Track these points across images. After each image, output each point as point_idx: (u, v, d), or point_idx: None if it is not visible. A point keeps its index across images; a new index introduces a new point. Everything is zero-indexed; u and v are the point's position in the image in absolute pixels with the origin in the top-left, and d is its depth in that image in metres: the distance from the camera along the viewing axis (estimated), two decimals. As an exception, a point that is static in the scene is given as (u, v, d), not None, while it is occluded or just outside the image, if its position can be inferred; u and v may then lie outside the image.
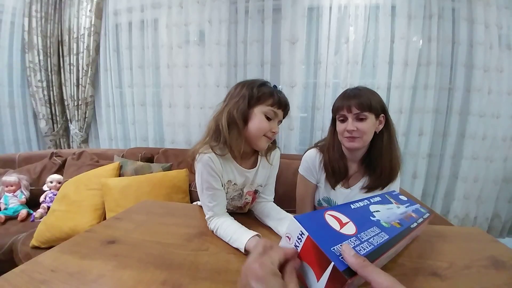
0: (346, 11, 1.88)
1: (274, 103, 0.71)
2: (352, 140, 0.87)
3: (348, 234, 0.38)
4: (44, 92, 2.38)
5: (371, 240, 0.38)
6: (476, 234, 0.72)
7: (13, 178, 1.66)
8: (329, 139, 0.99)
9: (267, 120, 0.71)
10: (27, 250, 1.32)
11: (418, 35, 1.84)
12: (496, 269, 0.54)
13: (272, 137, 0.74)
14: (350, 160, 0.97)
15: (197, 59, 2.11)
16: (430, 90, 1.86)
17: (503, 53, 1.79)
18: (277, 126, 0.75)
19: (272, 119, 0.72)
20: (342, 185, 0.97)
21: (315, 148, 1.03)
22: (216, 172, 0.71)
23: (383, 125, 0.90)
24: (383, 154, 0.89)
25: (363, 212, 0.48)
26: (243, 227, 0.68)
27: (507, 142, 1.85)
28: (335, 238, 0.36)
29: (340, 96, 0.93)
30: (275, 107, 0.71)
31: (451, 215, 1.97)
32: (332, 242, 0.34)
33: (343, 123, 0.90)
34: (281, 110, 0.74)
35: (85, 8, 2.26)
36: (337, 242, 0.34)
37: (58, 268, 0.53)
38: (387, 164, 0.88)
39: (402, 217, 0.51)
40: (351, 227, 0.40)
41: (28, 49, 2.29)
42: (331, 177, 0.96)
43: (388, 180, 0.90)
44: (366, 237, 0.38)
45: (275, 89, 0.73)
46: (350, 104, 0.86)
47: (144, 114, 2.32)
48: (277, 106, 0.72)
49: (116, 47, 2.32)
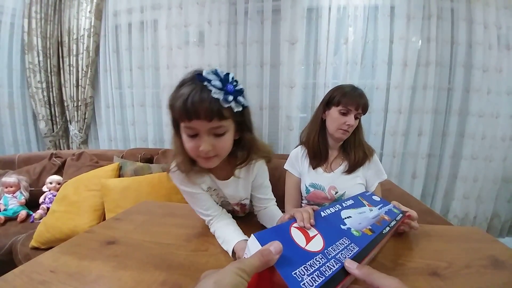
0: (345, 11, 1.88)
1: (184, 117, 0.53)
2: (345, 133, 0.98)
3: (314, 251, 0.35)
4: (44, 93, 2.38)
5: (338, 257, 0.36)
6: (475, 233, 0.72)
7: (12, 179, 1.66)
8: (315, 125, 1.07)
9: (190, 139, 0.56)
10: (26, 251, 1.32)
11: (417, 35, 1.85)
12: (496, 268, 0.54)
13: (202, 155, 0.56)
14: (332, 147, 1.08)
15: (197, 60, 2.11)
16: (429, 90, 1.87)
17: (502, 53, 1.79)
18: (205, 142, 0.55)
19: (196, 137, 0.56)
20: (325, 170, 1.06)
21: (300, 146, 1.13)
22: (190, 184, 0.68)
23: None
24: (356, 143, 1.04)
25: (334, 219, 0.48)
26: (236, 231, 0.67)
27: (506, 142, 1.85)
28: (299, 258, 0.33)
29: (349, 89, 0.98)
30: (186, 122, 0.54)
31: (450, 215, 1.98)
32: (295, 264, 0.31)
33: (344, 116, 0.97)
34: (197, 121, 0.52)
35: (84, 9, 2.26)
36: (301, 263, 0.32)
37: (57, 269, 0.53)
38: (360, 150, 1.03)
39: (374, 222, 0.51)
40: (318, 242, 0.38)
41: (27, 50, 2.29)
42: (313, 159, 1.07)
43: (363, 161, 1.03)
44: (333, 253, 0.36)
45: (190, 94, 0.51)
46: (359, 103, 0.95)
47: (144, 115, 2.32)
48: (187, 119, 0.53)
49: (115, 48, 2.32)
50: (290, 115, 2.02)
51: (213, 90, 0.51)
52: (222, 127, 0.55)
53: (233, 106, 0.54)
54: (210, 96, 0.51)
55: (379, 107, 1.93)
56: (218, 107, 0.52)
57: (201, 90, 0.51)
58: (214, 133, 0.55)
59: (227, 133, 0.57)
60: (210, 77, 0.52)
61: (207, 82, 0.52)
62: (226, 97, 0.52)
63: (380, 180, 1.05)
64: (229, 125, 0.57)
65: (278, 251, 0.31)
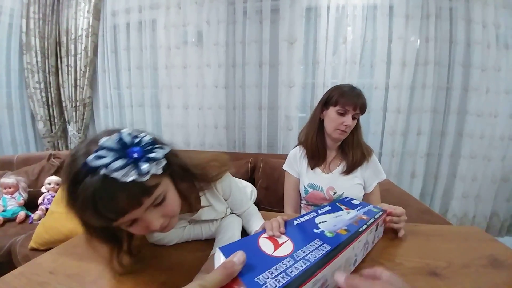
0: (344, 11, 1.88)
1: (110, 222, 0.44)
2: (343, 133, 0.98)
3: (282, 256, 0.35)
4: (42, 94, 2.37)
5: (308, 257, 0.35)
6: (474, 233, 0.72)
7: (11, 180, 1.65)
8: (313, 125, 1.07)
9: (133, 226, 0.48)
10: (25, 252, 1.31)
11: (416, 35, 1.85)
12: (495, 268, 0.54)
13: (158, 230, 0.47)
14: (330, 148, 1.08)
15: (195, 59, 2.11)
16: (428, 89, 1.87)
17: (500, 52, 1.79)
18: (151, 220, 0.45)
19: (138, 221, 0.47)
20: (323, 171, 1.06)
21: (298, 146, 1.13)
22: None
23: None
24: (354, 143, 1.03)
25: (308, 225, 0.47)
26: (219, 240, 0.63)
27: (505, 141, 1.86)
28: (264, 264, 0.33)
29: (347, 89, 0.98)
30: (114, 222, 0.43)
31: (449, 214, 1.98)
32: (259, 270, 0.31)
33: (341, 116, 0.97)
34: (123, 217, 0.42)
35: (82, 9, 2.26)
36: (266, 268, 0.32)
37: (56, 270, 0.53)
38: (357, 151, 1.03)
39: (351, 222, 0.51)
40: (287, 247, 0.38)
41: (25, 50, 2.28)
42: (311, 159, 1.06)
43: (361, 161, 1.03)
44: (303, 254, 0.36)
45: (96, 197, 0.38)
46: (357, 104, 0.95)
47: (142, 115, 2.32)
48: (114, 221, 0.43)
49: (114, 48, 2.31)
50: (289, 115, 2.02)
51: (119, 174, 0.37)
52: (158, 197, 0.44)
53: (154, 171, 0.40)
54: (122, 185, 0.37)
55: (377, 107, 1.93)
56: (139, 187, 0.39)
57: (105, 183, 0.37)
58: (154, 205, 0.44)
59: (168, 193, 0.46)
60: (104, 160, 0.36)
61: (105, 168, 0.36)
62: (140, 171, 0.38)
63: (379, 180, 1.05)
64: (164, 186, 0.45)
65: (241, 261, 0.30)
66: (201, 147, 2.19)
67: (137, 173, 0.38)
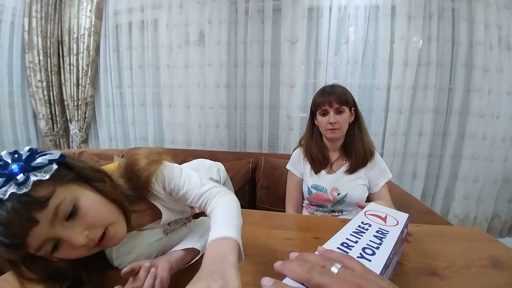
0: (346, 11, 1.88)
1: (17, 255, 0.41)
2: (334, 131, 1.00)
3: None
4: (44, 92, 2.38)
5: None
6: (475, 234, 0.72)
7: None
8: (308, 132, 1.10)
9: (59, 250, 0.42)
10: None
11: (418, 35, 1.84)
12: (496, 268, 0.54)
13: (91, 244, 0.43)
14: (331, 149, 1.09)
15: (197, 59, 2.11)
16: (430, 90, 1.87)
17: (503, 53, 1.79)
18: (74, 236, 0.40)
19: (60, 245, 0.42)
20: (328, 172, 1.07)
21: (300, 146, 1.15)
22: None
23: (354, 117, 1.04)
24: (356, 141, 1.03)
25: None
26: (198, 233, 0.58)
27: (507, 142, 1.85)
28: None
29: (319, 93, 1.05)
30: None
31: (451, 215, 1.98)
32: None
33: (325, 117, 1.01)
34: (27, 241, 0.37)
35: (85, 8, 2.26)
36: None
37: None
38: (360, 149, 1.02)
39: None
40: None
41: (28, 49, 2.28)
42: (313, 165, 1.08)
43: (365, 161, 1.03)
44: None
45: None
46: (331, 99, 0.98)
47: (144, 114, 2.32)
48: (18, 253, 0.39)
49: (116, 48, 2.32)
50: (290, 114, 2.02)
51: (3, 194, 0.34)
52: (60, 207, 0.38)
53: (38, 177, 0.37)
54: (6, 205, 0.34)
55: (379, 107, 1.93)
56: (26, 202, 0.35)
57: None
58: (65, 219, 0.39)
59: (81, 201, 0.41)
60: None
61: None
62: (17, 181, 0.35)
63: (386, 179, 1.04)
64: (68, 194, 0.40)
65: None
66: (202, 147, 2.19)
67: (15, 185, 0.35)
